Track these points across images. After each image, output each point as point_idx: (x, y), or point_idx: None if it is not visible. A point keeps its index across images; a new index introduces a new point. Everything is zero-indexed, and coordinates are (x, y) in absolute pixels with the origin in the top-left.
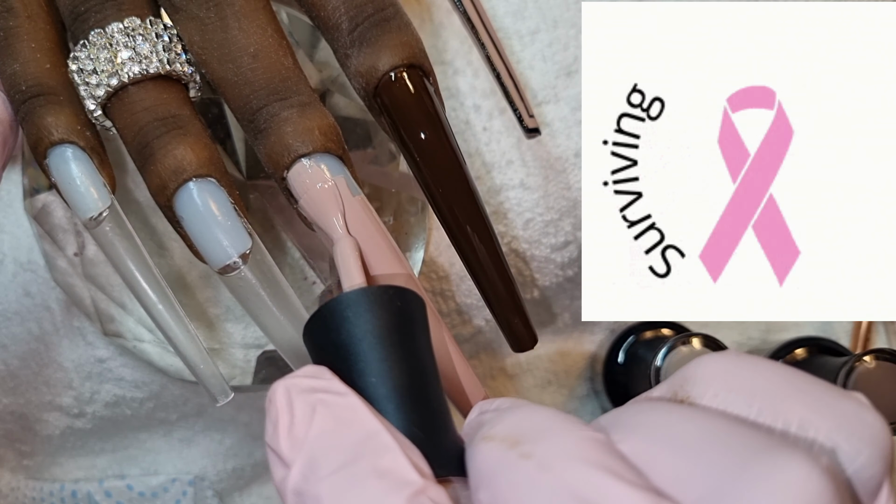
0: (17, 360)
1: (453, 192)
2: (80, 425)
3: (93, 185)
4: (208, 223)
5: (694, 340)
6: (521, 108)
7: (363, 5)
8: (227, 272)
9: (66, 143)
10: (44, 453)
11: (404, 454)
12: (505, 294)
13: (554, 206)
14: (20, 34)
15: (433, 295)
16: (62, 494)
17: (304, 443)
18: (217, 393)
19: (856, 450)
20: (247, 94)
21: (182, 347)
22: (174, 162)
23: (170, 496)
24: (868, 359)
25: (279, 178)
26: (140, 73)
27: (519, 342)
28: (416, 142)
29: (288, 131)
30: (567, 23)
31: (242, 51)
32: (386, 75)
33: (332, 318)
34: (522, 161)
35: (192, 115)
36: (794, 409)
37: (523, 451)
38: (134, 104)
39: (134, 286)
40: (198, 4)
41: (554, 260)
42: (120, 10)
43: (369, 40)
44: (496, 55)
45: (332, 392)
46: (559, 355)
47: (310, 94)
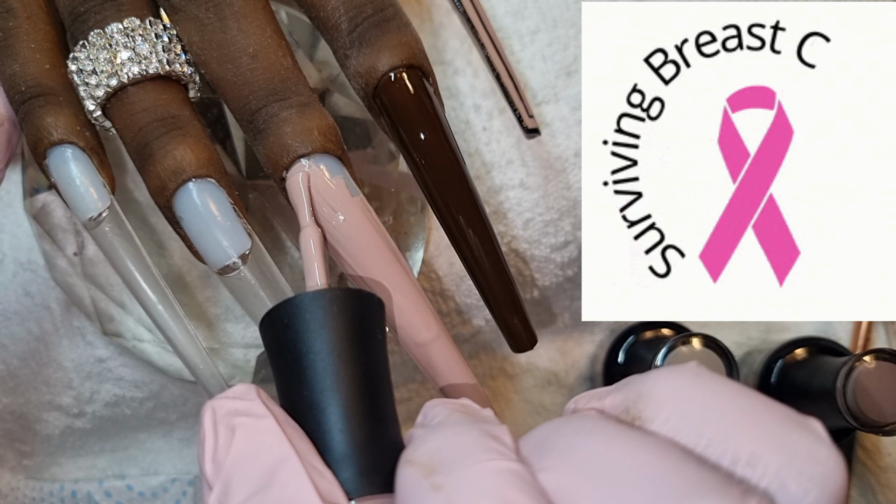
0: (16, 360)
1: (453, 192)
2: (79, 425)
3: (92, 185)
4: (208, 224)
5: (694, 340)
6: (521, 109)
7: (363, 6)
8: (227, 272)
9: (65, 144)
10: (43, 453)
11: (311, 482)
12: (504, 294)
13: (554, 205)
14: (20, 35)
15: (433, 295)
16: (62, 494)
17: (222, 467)
18: (216, 393)
19: (803, 490)
20: (246, 94)
21: (181, 347)
22: (173, 162)
23: (170, 496)
24: (868, 359)
25: (278, 178)
26: (139, 74)
27: (518, 342)
28: (415, 142)
29: (287, 132)
30: (567, 22)
31: (241, 51)
32: (385, 76)
33: (282, 319)
34: (522, 161)
35: (192, 116)
36: (744, 442)
37: (435, 482)
38: (133, 105)
39: (133, 286)
40: (197, 5)
41: (554, 260)
42: (119, 10)
43: (369, 41)
44: (496, 55)
45: (251, 415)
46: (559, 355)
47: (309, 94)
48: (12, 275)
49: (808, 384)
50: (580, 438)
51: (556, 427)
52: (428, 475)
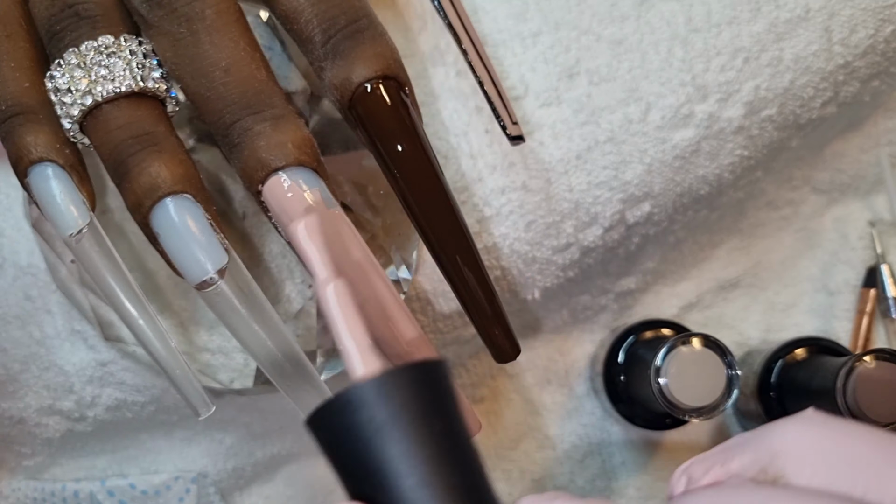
0: (17, 364)
1: (431, 204)
2: (80, 428)
3: (72, 202)
4: (184, 239)
5: (694, 340)
6: (504, 116)
7: (336, 17)
8: (205, 287)
9: (45, 162)
10: (43, 454)
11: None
12: (486, 305)
13: (556, 208)
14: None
15: (433, 296)
16: (64, 494)
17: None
18: (199, 406)
19: None
20: (220, 108)
21: (162, 361)
22: (148, 179)
23: (173, 494)
24: (868, 359)
25: (254, 192)
26: (113, 92)
27: (501, 353)
28: (391, 154)
29: (261, 145)
30: (569, 25)
31: (214, 65)
32: (360, 87)
33: (343, 415)
34: (525, 164)
35: (168, 132)
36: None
37: None
38: (108, 122)
39: (114, 301)
40: (169, 20)
41: (555, 262)
42: (94, 28)
43: (342, 52)
44: (479, 63)
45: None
46: (559, 355)
47: (284, 106)
48: (12, 279)
49: (808, 384)
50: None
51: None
52: None
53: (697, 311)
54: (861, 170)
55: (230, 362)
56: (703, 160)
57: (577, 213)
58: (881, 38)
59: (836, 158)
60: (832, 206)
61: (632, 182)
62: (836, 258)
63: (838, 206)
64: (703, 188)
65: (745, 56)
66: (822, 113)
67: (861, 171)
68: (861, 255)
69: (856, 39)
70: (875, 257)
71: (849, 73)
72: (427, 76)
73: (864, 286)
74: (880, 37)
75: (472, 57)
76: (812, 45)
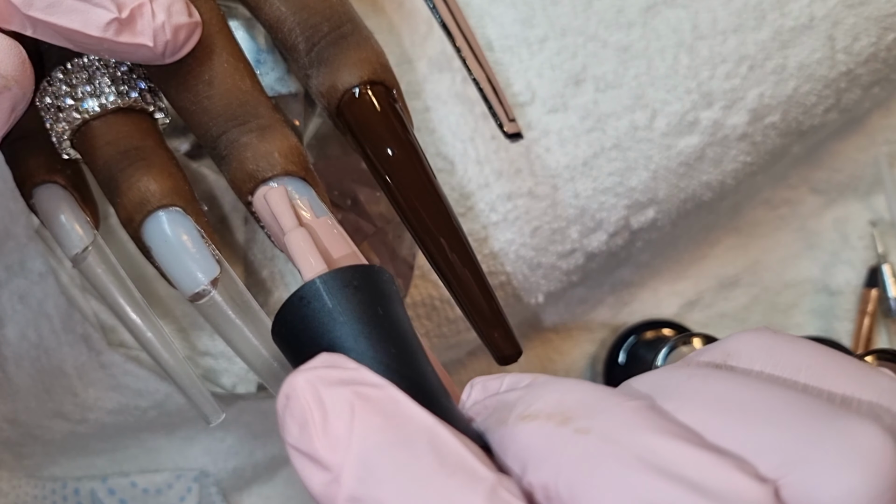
0: (14, 367)
1: (424, 208)
2: (81, 430)
3: (76, 222)
4: (176, 252)
5: (695, 340)
6: (501, 114)
7: (318, 25)
8: (199, 299)
9: (47, 183)
10: (42, 454)
11: (467, 448)
12: (485, 307)
13: (562, 214)
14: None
15: (440, 302)
16: (64, 492)
17: (349, 443)
18: (209, 414)
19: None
20: (206, 121)
21: (172, 372)
22: (138, 194)
23: (174, 493)
24: (869, 359)
25: (245, 203)
26: (99, 108)
27: (503, 356)
28: (381, 159)
29: (248, 157)
30: (576, 31)
31: (197, 79)
32: (347, 94)
33: (298, 311)
34: (531, 170)
35: (156, 145)
36: (836, 384)
37: (579, 427)
38: (96, 139)
39: (122, 316)
40: None
41: (560, 267)
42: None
43: (327, 60)
44: (473, 61)
45: (367, 384)
46: (559, 355)
47: (270, 115)
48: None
49: None
50: (695, 382)
51: (652, 379)
52: (563, 423)
53: (698, 310)
54: (858, 170)
55: (233, 367)
56: (708, 166)
57: (582, 219)
58: (883, 46)
59: (832, 158)
60: (831, 206)
61: (637, 188)
62: (837, 258)
63: (838, 206)
64: (706, 194)
65: (750, 63)
66: (824, 119)
67: (858, 171)
68: (862, 256)
69: (858, 47)
70: (876, 257)
71: (851, 80)
72: (433, 81)
73: (865, 286)
74: (882, 45)
75: (466, 54)
76: (816, 53)
